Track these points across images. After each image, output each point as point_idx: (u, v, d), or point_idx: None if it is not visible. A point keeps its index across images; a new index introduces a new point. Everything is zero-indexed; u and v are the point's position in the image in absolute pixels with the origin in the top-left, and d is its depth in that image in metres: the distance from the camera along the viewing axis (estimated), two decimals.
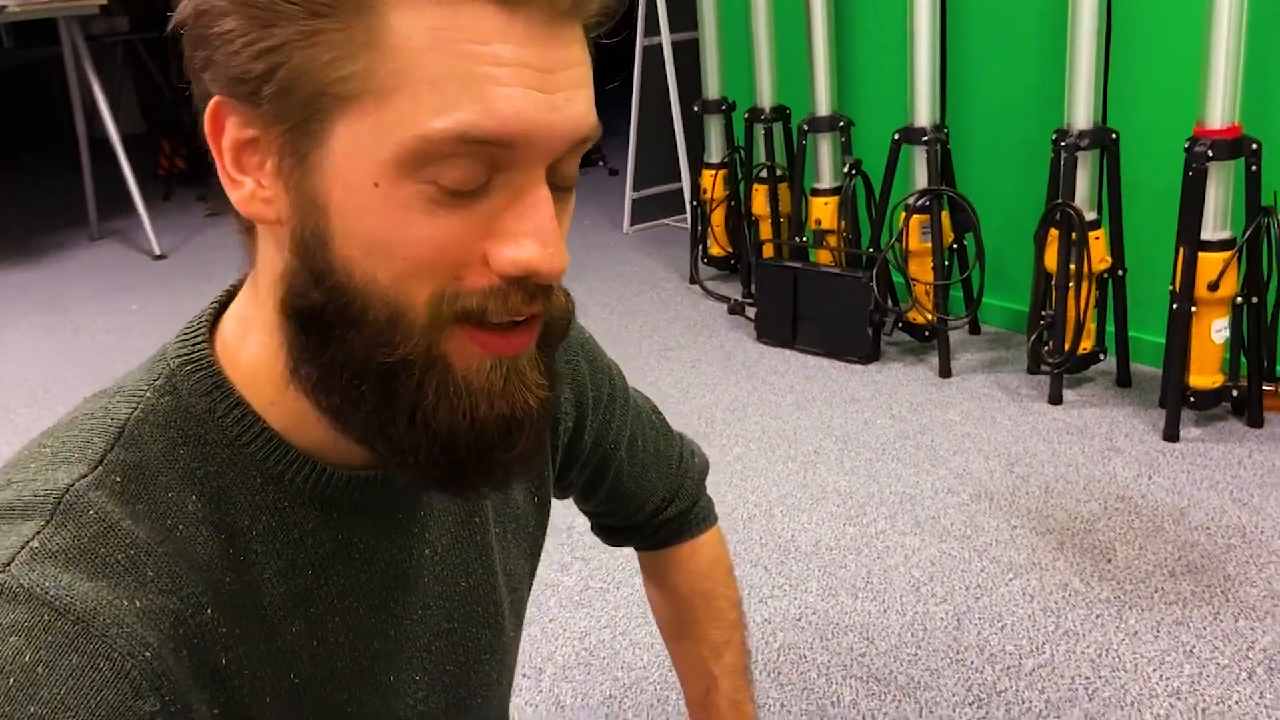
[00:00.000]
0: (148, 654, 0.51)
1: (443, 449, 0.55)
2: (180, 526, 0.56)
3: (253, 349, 0.59)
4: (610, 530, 1.02)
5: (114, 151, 4.28)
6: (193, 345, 0.60)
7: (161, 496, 0.56)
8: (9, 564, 0.50)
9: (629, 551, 1.08)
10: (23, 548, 0.50)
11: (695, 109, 3.52)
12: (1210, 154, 2.16)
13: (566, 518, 2.24)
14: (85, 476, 0.54)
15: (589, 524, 1.02)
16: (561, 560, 2.12)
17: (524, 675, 1.78)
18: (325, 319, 0.53)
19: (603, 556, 2.10)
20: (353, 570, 0.64)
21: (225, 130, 0.53)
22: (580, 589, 2.02)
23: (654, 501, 0.97)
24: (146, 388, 0.59)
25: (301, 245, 0.53)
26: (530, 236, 0.53)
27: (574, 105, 0.52)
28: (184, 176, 5.70)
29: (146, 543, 0.54)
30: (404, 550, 0.67)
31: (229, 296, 0.64)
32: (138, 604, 0.52)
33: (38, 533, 0.51)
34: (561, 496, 0.90)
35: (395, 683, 0.69)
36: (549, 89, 0.50)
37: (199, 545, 0.56)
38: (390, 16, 0.49)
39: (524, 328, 0.56)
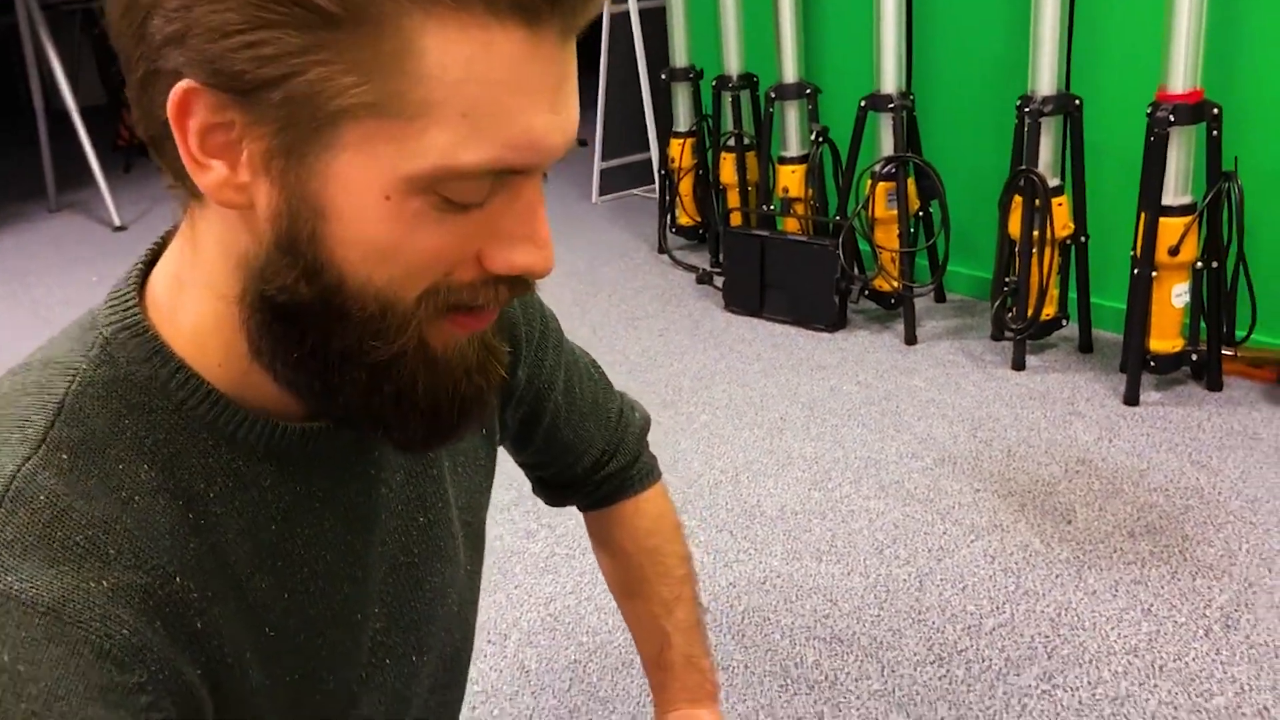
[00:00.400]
0: (125, 631, 0.51)
1: (424, 420, 0.57)
2: (136, 498, 0.55)
3: (193, 310, 0.58)
4: (550, 487, 1.02)
5: (73, 123, 4.20)
6: (125, 311, 0.58)
7: (112, 469, 0.54)
8: None
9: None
10: None
11: (663, 77, 3.49)
12: (1172, 119, 2.17)
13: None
14: (30, 459, 0.53)
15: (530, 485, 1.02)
16: (528, 527, 2.12)
17: (489, 641, 1.78)
18: (311, 312, 0.53)
19: (569, 523, 2.10)
20: (314, 519, 0.64)
21: (194, 112, 0.50)
22: (546, 555, 2.02)
23: (593, 454, 0.97)
24: (81, 359, 0.57)
25: (290, 242, 0.52)
26: (528, 240, 0.54)
27: (574, 115, 0.53)
28: (145, 148, 5.59)
29: (104, 520, 0.53)
30: (363, 493, 0.68)
31: (154, 256, 0.62)
32: (105, 584, 0.51)
33: None
34: (497, 442, 0.90)
35: (361, 620, 0.69)
36: (559, 108, 0.52)
37: (158, 515, 0.55)
38: (422, 42, 0.47)
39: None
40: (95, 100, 6.49)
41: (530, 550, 2.04)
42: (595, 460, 0.97)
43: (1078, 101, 2.44)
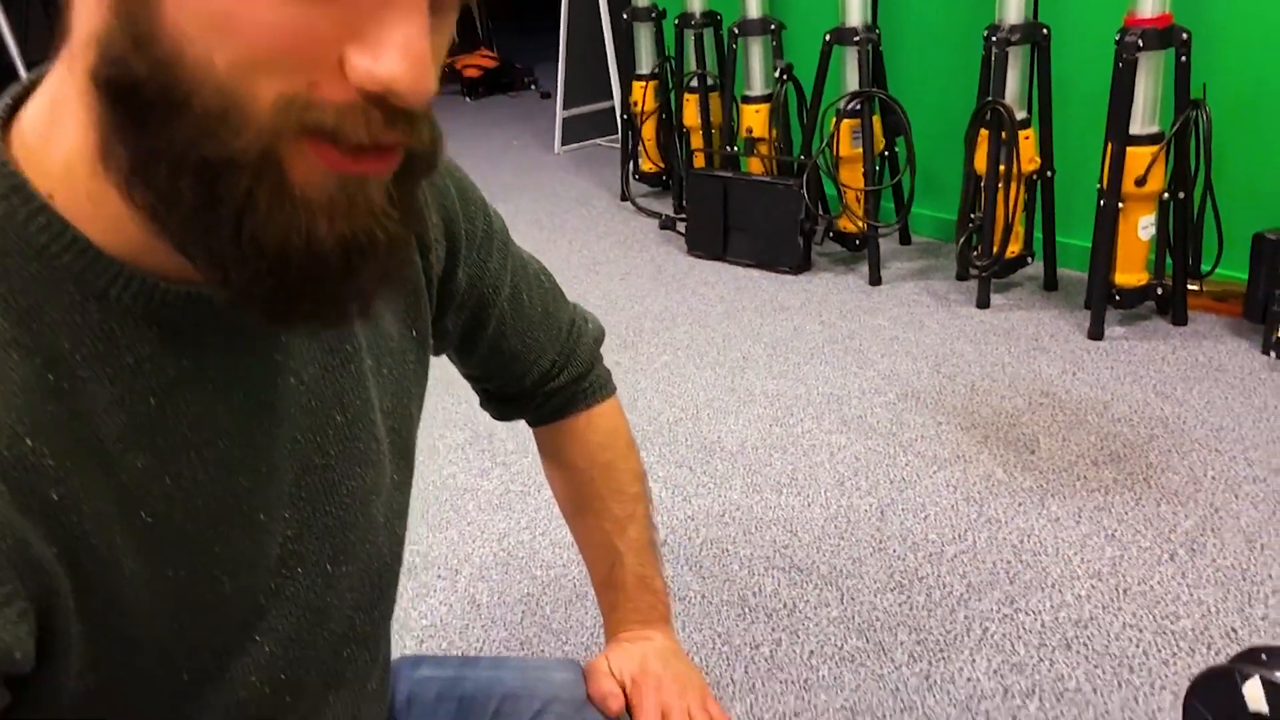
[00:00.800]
0: None
1: (271, 269, 0.49)
2: None
3: (66, 142, 0.51)
4: (498, 400, 0.96)
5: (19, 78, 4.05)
6: None
7: None
8: None
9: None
10: None
11: (624, 17, 3.40)
12: (1140, 44, 2.12)
13: (488, 425, 2.18)
14: None
15: (479, 400, 0.95)
16: (481, 466, 2.06)
17: (439, 577, 1.72)
18: (145, 97, 0.46)
19: (524, 462, 2.05)
20: (205, 400, 0.57)
21: None
22: (500, 493, 1.96)
23: (543, 365, 0.91)
24: None
25: (122, 1, 0.45)
26: (396, 49, 0.46)
27: None
28: None
29: None
30: (265, 379, 0.61)
31: (34, 83, 0.55)
32: None
33: None
34: (439, 350, 0.84)
35: (265, 521, 0.63)
36: None
37: (9, 370, 0.49)
38: None
39: (380, 155, 0.49)
40: (45, 58, 6.29)
41: (483, 488, 1.98)
42: (545, 371, 0.91)
43: (1045, 30, 2.39)
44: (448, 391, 2.33)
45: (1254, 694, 0.86)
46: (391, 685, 0.93)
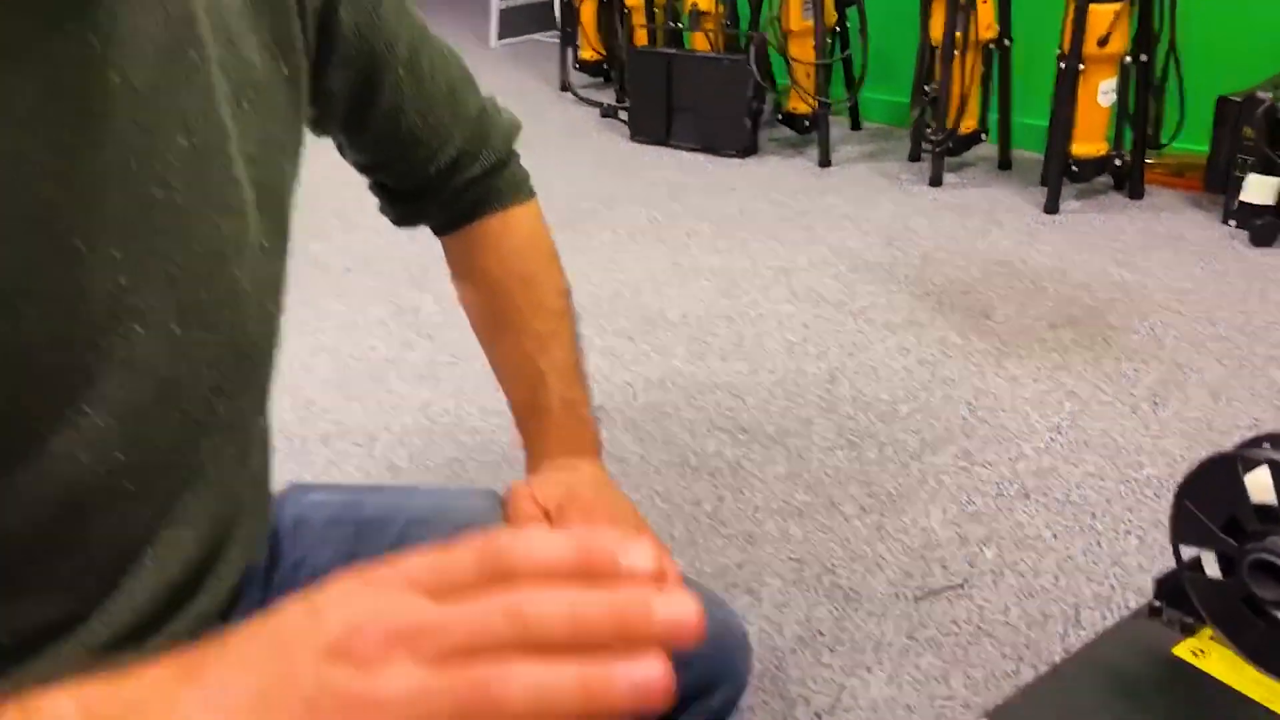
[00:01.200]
0: None
1: None
2: None
3: None
4: (399, 197, 0.82)
5: None
6: None
7: None
8: None
9: None
10: None
11: None
12: None
13: (412, 300, 2.04)
14: None
15: (378, 205, 0.82)
16: (405, 339, 1.92)
17: (355, 444, 1.60)
18: None
19: (450, 334, 1.91)
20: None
21: None
22: (425, 363, 1.83)
23: (449, 152, 0.78)
24: None
25: None
26: None
27: None
28: None
29: None
30: (79, 65, 0.47)
31: None
32: None
33: None
34: (324, 122, 0.70)
35: (85, 253, 0.49)
36: None
37: None
38: None
39: None
40: None
41: (407, 360, 1.85)
42: (452, 160, 0.78)
43: None
44: (369, 268, 2.18)
45: (1260, 483, 0.75)
46: (273, 510, 0.80)
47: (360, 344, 1.91)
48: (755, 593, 1.20)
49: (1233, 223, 2.09)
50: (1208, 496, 0.78)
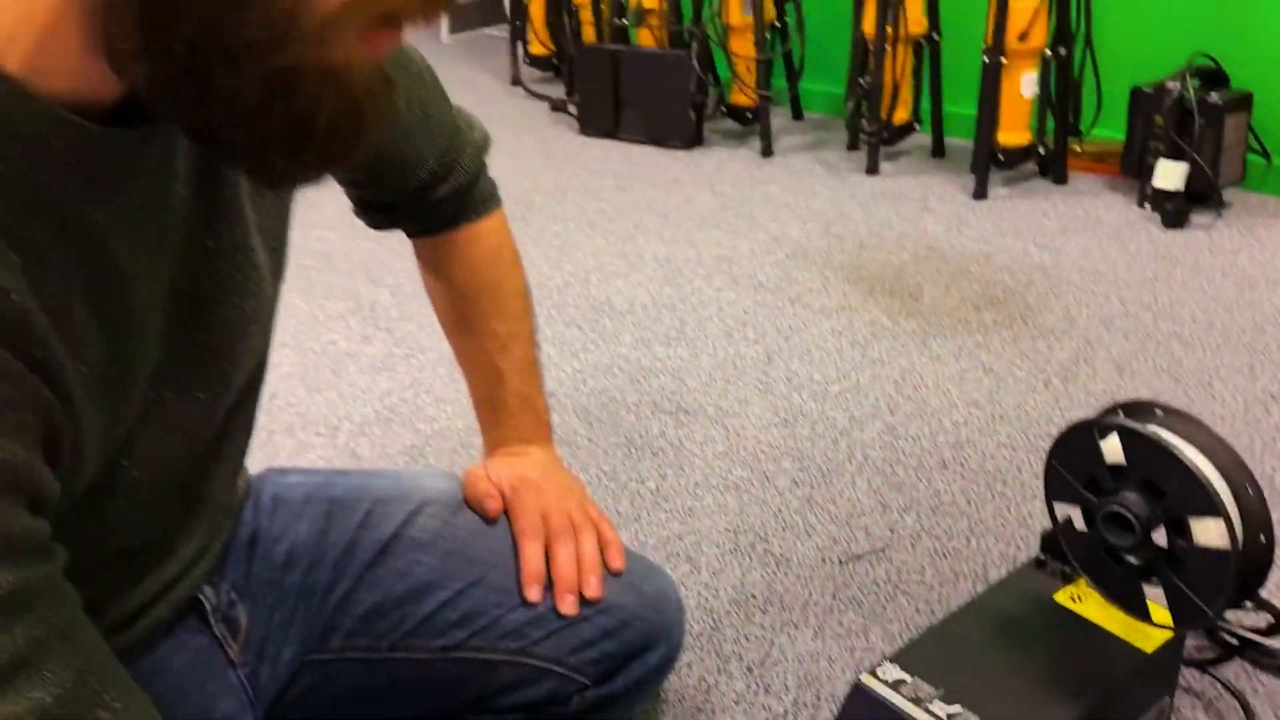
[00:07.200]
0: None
1: (317, 154, 0.48)
2: None
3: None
4: (376, 209, 0.90)
5: None
6: None
7: None
8: None
9: (436, 320, 0.98)
10: None
11: None
12: None
13: (369, 295, 2.11)
14: None
15: (353, 208, 0.90)
16: (364, 332, 1.99)
17: (317, 434, 1.67)
18: None
19: (408, 327, 1.99)
20: (131, 236, 0.53)
21: None
22: (383, 356, 1.91)
23: (424, 172, 0.86)
24: None
25: None
26: None
27: None
28: None
29: None
30: (157, 198, 0.55)
31: None
32: None
33: None
34: None
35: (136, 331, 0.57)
36: None
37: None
38: None
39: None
40: None
41: (366, 353, 1.92)
42: (427, 179, 0.86)
43: None
44: (328, 265, 2.25)
45: (1112, 446, 0.87)
46: (253, 490, 0.89)
47: (321, 338, 1.98)
48: (694, 561, 1.30)
49: (1147, 206, 2.21)
50: (1071, 459, 0.89)
